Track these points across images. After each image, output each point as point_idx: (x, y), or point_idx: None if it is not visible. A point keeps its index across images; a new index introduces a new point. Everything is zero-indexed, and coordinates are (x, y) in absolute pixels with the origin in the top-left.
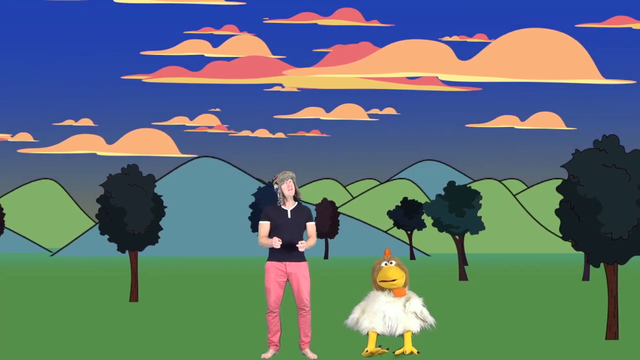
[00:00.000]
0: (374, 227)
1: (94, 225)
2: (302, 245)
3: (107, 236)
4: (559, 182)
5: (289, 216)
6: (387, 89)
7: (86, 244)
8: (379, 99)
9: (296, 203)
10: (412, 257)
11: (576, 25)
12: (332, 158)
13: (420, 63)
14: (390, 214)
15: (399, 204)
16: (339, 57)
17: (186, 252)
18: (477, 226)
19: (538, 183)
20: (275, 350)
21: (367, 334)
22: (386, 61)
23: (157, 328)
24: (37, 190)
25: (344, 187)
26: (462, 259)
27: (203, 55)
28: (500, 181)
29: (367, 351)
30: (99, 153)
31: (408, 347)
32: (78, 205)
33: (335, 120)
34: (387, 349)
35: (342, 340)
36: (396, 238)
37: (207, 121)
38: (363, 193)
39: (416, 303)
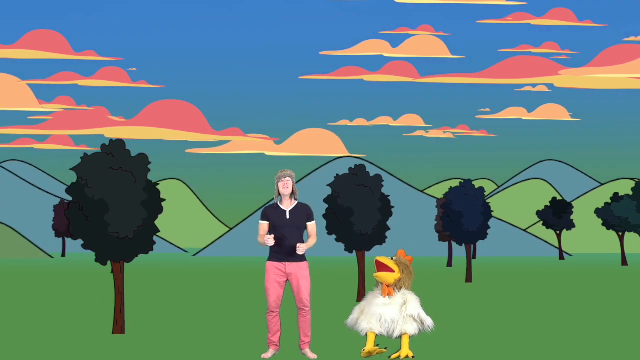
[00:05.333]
0: (517, 227)
1: (233, 228)
2: (301, 249)
3: (237, 239)
4: None
5: (288, 216)
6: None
7: (224, 245)
8: (584, 99)
9: (296, 202)
10: (561, 257)
11: None
12: (463, 157)
13: None
14: (539, 213)
15: (548, 204)
16: (612, 57)
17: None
18: None
19: None
20: (275, 350)
21: (366, 334)
22: None
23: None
24: (164, 190)
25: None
26: None
27: (382, 55)
28: (633, 179)
29: (364, 351)
30: (267, 153)
31: (404, 350)
32: (204, 205)
33: (535, 121)
34: (386, 349)
35: (342, 340)
36: (538, 238)
37: (409, 121)
38: (491, 195)
39: (414, 306)
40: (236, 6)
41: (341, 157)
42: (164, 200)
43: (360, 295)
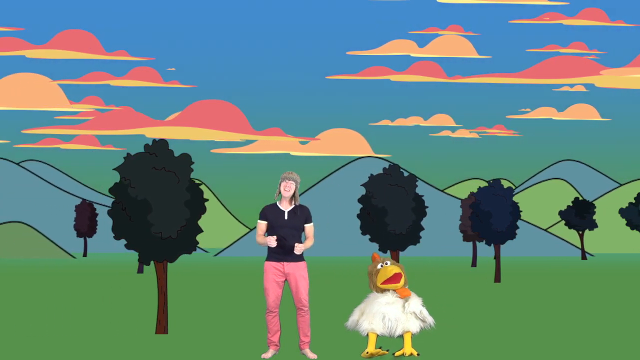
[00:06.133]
0: (538, 227)
1: (253, 229)
2: (298, 248)
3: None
4: None
5: (286, 217)
6: None
7: (244, 246)
8: (620, 100)
9: (295, 204)
10: (584, 257)
11: None
12: (484, 157)
13: None
14: (561, 213)
15: (570, 204)
16: None
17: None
18: None
19: None
20: (275, 350)
21: (367, 335)
22: None
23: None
24: None
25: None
26: None
27: (409, 55)
28: None
29: (366, 352)
30: (292, 153)
31: (407, 348)
32: (223, 206)
33: (564, 121)
34: (387, 350)
35: (342, 340)
36: (559, 237)
37: (440, 121)
38: (514, 194)
39: (415, 303)
40: (262, 6)
41: (363, 157)
42: (207, 200)
43: None
